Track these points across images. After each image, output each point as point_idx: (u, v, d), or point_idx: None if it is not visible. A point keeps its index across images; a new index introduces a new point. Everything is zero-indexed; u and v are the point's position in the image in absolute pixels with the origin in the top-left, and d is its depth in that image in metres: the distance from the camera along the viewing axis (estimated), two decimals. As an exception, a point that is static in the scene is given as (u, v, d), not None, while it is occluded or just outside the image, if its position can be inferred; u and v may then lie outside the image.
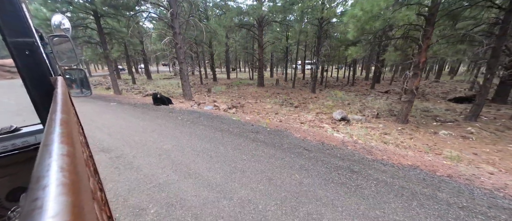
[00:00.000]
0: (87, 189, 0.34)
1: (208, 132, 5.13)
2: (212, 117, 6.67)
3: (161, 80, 24.36)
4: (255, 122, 6.41)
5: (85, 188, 0.31)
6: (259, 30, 16.81)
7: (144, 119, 6.33)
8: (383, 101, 11.36)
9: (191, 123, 5.96)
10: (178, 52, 10.87)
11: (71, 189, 0.23)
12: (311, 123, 7.41)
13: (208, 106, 9.11)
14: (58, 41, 1.34)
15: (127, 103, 9.34)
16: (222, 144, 4.33)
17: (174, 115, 6.90)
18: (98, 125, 5.76)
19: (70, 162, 0.29)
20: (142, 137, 4.84)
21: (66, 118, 0.46)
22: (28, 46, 0.83)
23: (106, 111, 7.41)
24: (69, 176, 0.25)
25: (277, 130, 5.51)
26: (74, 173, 0.27)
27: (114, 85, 13.15)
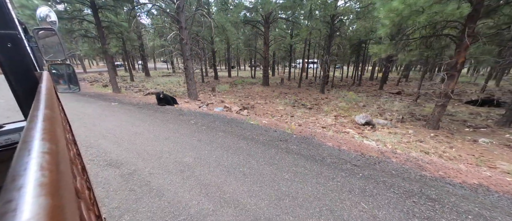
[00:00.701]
0: (70, 189, 0.31)
1: (230, 140, 4.47)
2: (227, 121, 6.01)
3: (160, 78, 23.47)
4: (275, 126, 5.78)
5: (68, 188, 0.29)
6: (265, 27, 16.11)
7: (153, 123, 5.62)
8: (399, 103, 10.85)
9: (207, 128, 5.28)
10: (184, 48, 10.13)
11: (51, 190, 0.22)
12: (333, 128, 6.82)
13: (218, 108, 8.42)
14: (44, 35, 1.26)
15: (129, 103, 8.58)
16: (252, 157, 3.68)
17: (185, 118, 6.21)
18: (102, 131, 5.03)
19: (51, 160, 0.27)
20: (156, 146, 4.15)
21: (50, 114, 0.43)
22: (10, 39, 0.81)
23: (108, 113, 6.66)
24: (50, 175, 0.24)
25: (304, 137, 4.90)
26: (55, 172, 0.25)
27: (112, 83, 12.31)
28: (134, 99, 10.02)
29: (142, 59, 25.44)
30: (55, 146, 0.32)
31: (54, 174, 0.25)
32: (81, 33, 11.79)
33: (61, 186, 0.25)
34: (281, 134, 5.01)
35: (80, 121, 5.77)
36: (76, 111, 6.87)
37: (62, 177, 0.27)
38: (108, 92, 12.22)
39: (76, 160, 0.64)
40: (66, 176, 0.32)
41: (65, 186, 0.28)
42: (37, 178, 0.22)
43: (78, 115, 6.30)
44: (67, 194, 0.27)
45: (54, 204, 0.20)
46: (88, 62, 41.83)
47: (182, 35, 9.73)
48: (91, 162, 3.55)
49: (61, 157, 0.33)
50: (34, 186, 0.21)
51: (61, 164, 0.30)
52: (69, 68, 1.56)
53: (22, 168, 0.24)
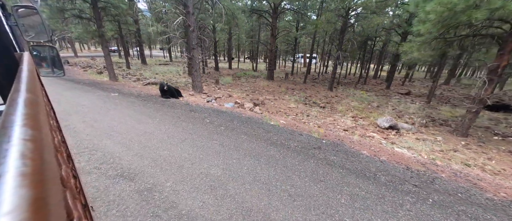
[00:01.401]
0: (55, 178, 0.30)
1: (257, 146, 3.89)
2: (244, 120, 5.40)
3: (158, 66, 22.38)
4: (297, 128, 5.24)
5: (53, 178, 0.28)
6: (273, 17, 15.26)
7: (164, 121, 4.95)
8: (413, 105, 10.49)
9: (226, 129, 4.67)
10: (191, 35, 9.32)
11: (33, 180, 0.20)
12: (355, 131, 6.34)
13: (229, 103, 7.78)
14: (25, 13, 1.16)
15: (130, 94, 7.81)
16: (290, 169, 3.13)
17: (198, 115, 5.55)
18: (106, 128, 4.33)
19: (34, 148, 0.25)
20: (172, 151, 3.53)
21: (32, 98, 0.40)
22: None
23: (109, 106, 5.91)
24: (32, 164, 0.22)
25: (335, 143, 4.38)
26: (38, 160, 0.24)
27: (109, 70, 11.37)
28: (134, 89, 9.22)
29: (139, 45, 24.11)
30: (38, 132, 0.30)
31: (37, 163, 0.23)
32: (75, 13, 10.68)
33: (45, 176, 0.24)
34: (309, 139, 4.46)
35: (78, 115, 5.03)
36: (73, 102, 6.08)
37: (46, 166, 0.26)
38: (104, 80, 11.31)
39: (61, 148, 0.60)
40: (51, 165, 0.30)
41: (50, 175, 0.26)
42: (18, 167, 0.21)
43: (76, 108, 5.54)
44: (51, 184, 0.25)
45: (37, 196, 0.19)
46: (78, 46, 39.70)
47: (189, 21, 8.90)
48: (98, 170, 2.91)
49: (45, 145, 0.31)
50: (14, 176, 0.19)
51: (45, 152, 0.29)
52: (53, 50, 1.45)
53: (1, 156, 0.22)
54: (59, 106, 5.59)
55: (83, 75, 12.81)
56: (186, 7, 8.92)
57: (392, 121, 6.53)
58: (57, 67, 1.49)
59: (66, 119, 4.69)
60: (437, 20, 4.68)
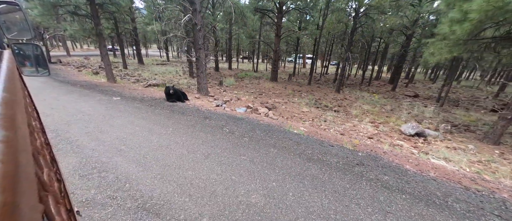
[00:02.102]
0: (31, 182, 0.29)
1: (292, 162, 3.38)
2: (266, 129, 4.90)
3: (156, 66, 21.61)
4: (323, 137, 4.78)
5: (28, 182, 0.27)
6: (278, 16, 14.77)
7: (178, 130, 4.38)
8: (426, 109, 10.19)
9: (250, 140, 4.14)
10: (197, 35, 8.75)
11: (3, 184, 0.20)
12: (380, 138, 5.92)
13: (241, 108, 7.24)
14: (6, 9, 1.13)
15: (132, 98, 7.18)
16: (345, 196, 2.63)
17: (214, 123, 5.00)
18: (114, 141, 3.74)
19: (6, 150, 0.24)
20: (198, 171, 2.98)
21: (9, 98, 0.39)
22: None
23: (113, 113, 5.29)
24: (3, 167, 0.22)
25: (372, 156, 3.94)
26: (11, 163, 0.23)
27: (107, 71, 10.67)
28: (135, 91, 8.58)
29: (135, 44, 23.26)
30: (13, 134, 0.29)
31: (9, 166, 0.22)
32: (70, 10, 9.92)
33: (19, 179, 0.23)
34: (344, 152, 3.99)
35: (79, 125, 4.41)
36: (71, 108, 5.43)
37: (21, 169, 0.25)
38: (101, 81, 10.59)
39: (44, 150, 0.58)
40: (27, 168, 0.29)
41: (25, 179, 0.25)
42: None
43: (75, 115, 4.90)
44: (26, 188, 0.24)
45: (6, 200, 0.18)
46: (71, 44, 38.26)
47: (195, 19, 8.32)
48: (113, 201, 2.35)
49: (21, 147, 0.30)
50: None
51: (21, 155, 0.28)
52: (37, 48, 1.40)
53: None
54: (56, 114, 4.95)
55: (78, 76, 12.03)
56: (192, 4, 8.34)
57: (418, 127, 6.14)
58: (42, 66, 1.43)
59: (65, 130, 4.08)
60: (479, 19, 4.30)
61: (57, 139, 3.72)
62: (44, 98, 6.23)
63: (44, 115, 4.83)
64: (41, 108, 5.25)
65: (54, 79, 9.64)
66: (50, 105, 5.61)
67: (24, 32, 1.23)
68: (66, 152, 3.31)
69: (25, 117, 0.47)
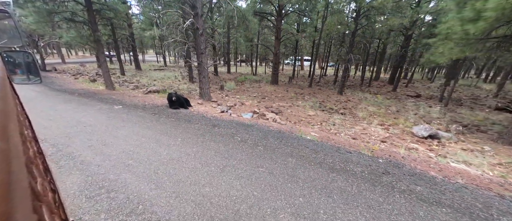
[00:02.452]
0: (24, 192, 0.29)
1: (314, 173, 3.16)
2: (279, 136, 4.68)
3: (154, 72, 21.28)
4: (338, 143, 4.59)
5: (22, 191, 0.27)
6: (278, 19, 14.68)
7: (188, 141, 4.13)
8: (431, 109, 10.10)
9: (264, 149, 3.91)
10: (199, 39, 8.55)
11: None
12: (395, 142, 5.75)
13: (247, 114, 7.02)
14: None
15: (134, 106, 6.91)
16: (382, 212, 2.40)
17: (224, 131, 4.76)
18: (120, 155, 3.47)
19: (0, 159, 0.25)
20: (216, 187, 2.74)
21: (0, 106, 0.39)
22: None
23: (116, 123, 5.02)
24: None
25: (393, 163, 3.74)
26: (5, 172, 0.24)
27: (106, 78, 10.37)
28: (135, 98, 8.30)
29: (132, 50, 22.94)
30: (5, 143, 0.29)
31: (2, 176, 0.22)
32: (66, 16, 9.63)
33: (13, 189, 0.23)
34: (364, 159, 3.79)
35: (81, 137, 4.13)
36: (71, 119, 5.14)
37: (14, 178, 0.25)
38: (100, 89, 10.28)
39: (37, 160, 0.57)
40: (20, 177, 0.29)
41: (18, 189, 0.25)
42: None
43: (76, 127, 4.62)
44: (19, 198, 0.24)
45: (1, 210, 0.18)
46: (65, 52, 37.69)
47: (197, 23, 8.13)
48: (126, 227, 2.09)
49: (13, 156, 0.30)
50: None
51: (13, 164, 0.28)
52: (28, 56, 1.39)
53: None
54: (55, 125, 4.65)
55: (75, 83, 11.68)
56: (194, 8, 8.16)
57: (431, 129, 5.99)
58: (33, 74, 1.42)
59: (66, 144, 3.80)
60: (495, 17, 4.19)
61: (58, 154, 3.44)
62: (41, 109, 5.92)
63: (41, 127, 4.54)
64: (38, 119, 4.96)
65: (50, 88, 9.30)
66: (48, 115, 5.31)
67: (14, 40, 1.21)
68: (69, 170, 3.04)
69: (17, 126, 0.46)
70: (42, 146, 3.93)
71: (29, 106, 6.14)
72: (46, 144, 3.76)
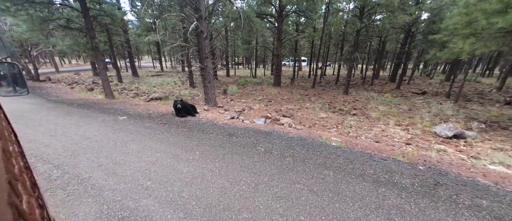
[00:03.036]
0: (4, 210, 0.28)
1: (360, 188, 2.81)
2: (303, 144, 4.33)
3: (151, 78, 20.76)
4: (366, 148, 4.28)
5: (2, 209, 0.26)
6: (279, 20, 14.39)
7: (206, 154, 3.74)
8: (442, 106, 9.90)
9: (293, 161, 3.55)
10: (203, 43, 8.19)
11: None
12: (420, 144, 5.45)
13: (260, 120, 6.65)
14: None
15: (139, 115, 6.48)
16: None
17: (244, 141, 4.38)
18: (136, 174, 3.07)
19: None
20: (254, 211, 2.37)
21: None
22: None
23: (124, 136, 4.59)
24: None
25: (435, 169, 3.43)
26: None
27: (105, 87, 9.90)
28: (138, 107, 7.87)
29: (129, 56, 22.40)
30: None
31: None
32: (61, 24, 9.15)
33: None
34: (404, 167, 3.47)
35: (88, 155, 3.70)
36: (74, 134, 4.69)
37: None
38: (99, 98, 9.79)
39: (23, 176, 0.56)
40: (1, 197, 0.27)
41: None
42: None
43: (81, 143, 4.18)
44: None
45: None
46: (59, 60, 36.80)
47: (201, 26, 7.76)
48: None
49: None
50: None
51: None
52: (14, 67, 1.33)
53: None
54: (57, 143, 4.21)
55: (72, 93, 11.15)
56: (197, 11, 7.80)
57: (456, 129, 5.71)
58: (20, 85, 1.40)
59: (73, 165, 3.37)
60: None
61: (65, 177, 3.02)
62: (39, 123, 5.45)
63: (42, 145, 4.09)
64: (38, 136, 4.51)
65: (47, 99, 8.78)
66: (48, 131, 4.85)
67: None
68: (79, 196, 2.63)
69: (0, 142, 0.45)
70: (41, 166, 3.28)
71: (25, 121, 5.66)
72: (49, 166, 3.33)
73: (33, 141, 4.28)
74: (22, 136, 4.52)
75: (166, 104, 9.23)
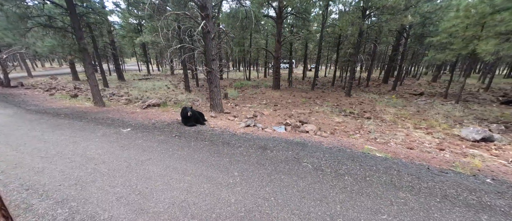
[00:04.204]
0: None
1: (457, 217, 2.37)
2: (351, 157, 3.86)
3: (140, 82, 19.41)
4: (416, 158, 3.91)
5: None
6: (278, 22, 14.03)
7: (248, 175, 3.12)
8: (447, 107, 10.02)
9: (355, 181, 3.05)
10: (209, 45, 7.55)
11: None
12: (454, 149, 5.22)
13: (280, 127, 6.10)
14: None
15: (142, 126, 5.66)
16: None
17: (283, 156, 3.81)
18: (171, 210, 2.37)
19: None
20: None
21: None
22: None
23: (136, 154, 3.81)
24: None
25: (505, 183, 3.10)
26: None
27: (95, 93, 8.82)
28: (136, 115, 7.01)
29: (114, 59, 20.85)
30: None
31: None
32: (41, 22, 7.97)
33: None
34: (473, 182, 3.10)
35: (99, 184, 2.92)
36: (72, 154, 3.82)
37: None
38: (88, 106, 8.69)
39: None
40: None
41: None
42: None
43: (85, 167, 3.35)
44: None
45: None
46: (31, 64, 33.54)
47: (208, 26, 7.11)
48: None
49: None
50: None
51: None
52: None
53: None
54: (53, 167, 3.35)
55: (53, 101, 9.85)
56: (204, 9, 7.15)
57: (484, 132, 5.58)
58: None
59: (82, 199, 2.59)
60: None
61: (77, 219, 2.26)
62: (22, 140, 4.46)
63: (33, 172, 3.23)
64: (26, 159, 3.60)
65: (26, 109, 7.54)
66: (37, 151, 3.93)
67: None
68: (105, 252, 1.90)
69: None
70: (38, 203, 2.29)
71: (4, 138, 4.62)
72: (50, 202, 2.52)
73: (19, 165, 3.38)
74: (2, 160, 3.58)
75: (166, 111, 8.38)
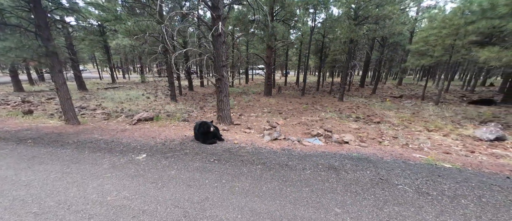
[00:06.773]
0: None
1: None
2: (431, 172, 3.54)
3: (107, 92, 16.84)
4: (475, 166, 3.83)
5: None
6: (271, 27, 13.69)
7: (357, 218, 2.48)
8: (432, 108, 10.93)
9: (482, 205, 2.68)
10: (219, 49, 6.74)
11: None
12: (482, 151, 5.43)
13: (315, 140, 5.57)
14: None
15: (152, 148, 4.54)
16: None
17: (361, 179, 3.26)
18: None
19: None
20: None
21: None
22: None
23: (181, 193, 2.80)
24: None
25: None
26: None
27: (67, 108, 7.04)
28: (131, 134, 5.77)
29: (73, 65, 17.73)
30: None
31: None
32: (-12, 17, 5.98)
33: None
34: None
35: None
36: (84, 200, 2.60)
37: None
38: (57, 125, 6.85)
39: None
40: None
41: None
42: None
43: None
44: None
45: None
46: None
47: (220, 29, 6.29)
48: None
49: None
50: None
51: None
52: None
53: None
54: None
55: (4, 121, 7.56)
56: (216, 9, 6.33)
57: (497, 131, 6.00)
58: None
59: None
60: None
61: None
62: None
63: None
64: None
65: (-34, 135, 5.44)
66: (22, 204, 2.58)
67: None
68: None
69: None
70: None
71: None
72: None
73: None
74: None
75: (163, 126, 7.14)
